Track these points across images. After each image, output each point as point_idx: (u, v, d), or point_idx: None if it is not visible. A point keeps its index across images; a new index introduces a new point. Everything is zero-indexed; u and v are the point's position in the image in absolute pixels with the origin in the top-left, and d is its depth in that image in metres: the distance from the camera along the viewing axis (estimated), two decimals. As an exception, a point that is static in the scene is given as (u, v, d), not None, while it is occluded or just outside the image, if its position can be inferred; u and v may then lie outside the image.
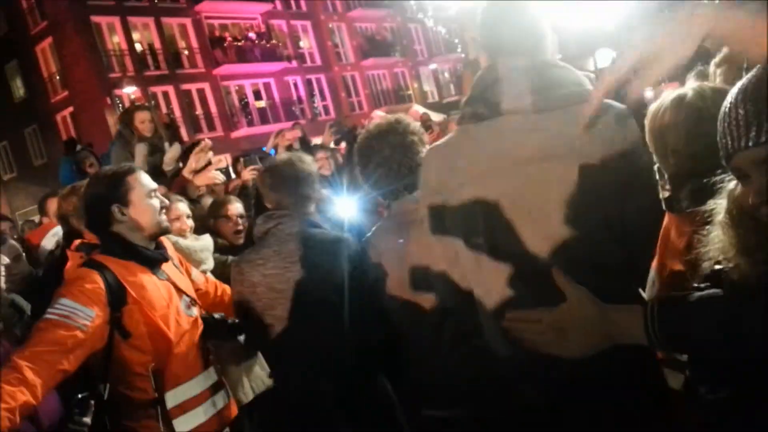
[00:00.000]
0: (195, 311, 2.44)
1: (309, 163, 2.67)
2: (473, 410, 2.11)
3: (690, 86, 1.88)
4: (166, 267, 2.43)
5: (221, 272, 3.37)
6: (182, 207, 3.48)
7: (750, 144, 1.12)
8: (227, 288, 2.93)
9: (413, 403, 2.38)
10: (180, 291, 2.41)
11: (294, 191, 2.56)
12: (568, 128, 1.64)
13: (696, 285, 1.37)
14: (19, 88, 26.54)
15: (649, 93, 4.61)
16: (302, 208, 2.57)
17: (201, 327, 2.45)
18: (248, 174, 4.39)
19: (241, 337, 2.73)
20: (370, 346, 2.41)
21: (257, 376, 3.26)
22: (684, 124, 1.83)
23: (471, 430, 2.15)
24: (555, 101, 1.69)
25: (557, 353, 1.40)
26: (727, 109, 1.18)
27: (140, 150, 4.62)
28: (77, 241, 2.63)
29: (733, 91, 1.19)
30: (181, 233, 3.35)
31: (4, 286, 2.53)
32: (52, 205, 4.36)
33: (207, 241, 3.44)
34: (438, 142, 1.91)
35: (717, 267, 1.30)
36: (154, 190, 2.43)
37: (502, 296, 1.73)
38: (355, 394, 2.45)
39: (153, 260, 2.36)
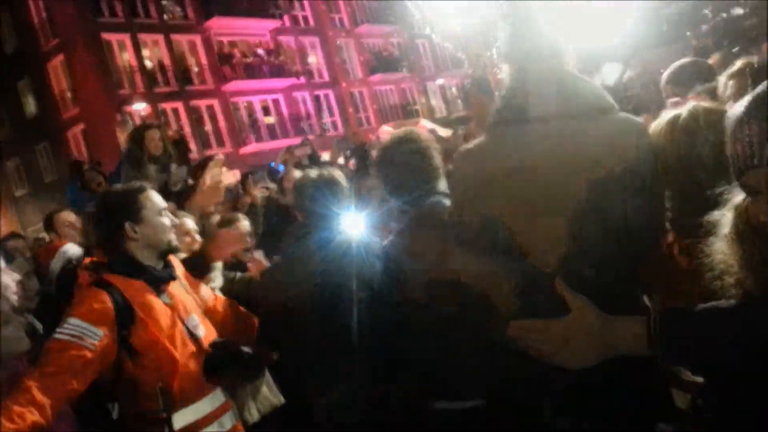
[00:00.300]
0: (202, 331, 2.44)
1: (344, 180, 2.87)
2: (487, 403, 2.23)
3: (687, 107, 1.91)
4: (173, 286, 2.44)
5: (229, 289, 3.38)
6: (190, 223, 3.50)
7: (764, 162, 1.12)
8: (235, 304, 2.94)
9: (423, 398, 2.44)
10: (187, 311, 2.41)
11: (331, 204, 2.72)
12: (587, 135, 1.76)
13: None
14: (30, 105, 26.84)
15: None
16: (334, 220, 2.72)
17: (208, 348, 2.44)
18: (257, 192, 4.41)
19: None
20: (386, 349, 2.47)
21: (264, 397, 3.25)
22: (677, 145, 1.86)
23: (485, 422, 2.23)
24: (576, 109, 1.79)
25: (562, 362, 1.41)
26: (737, 125, 1.17)
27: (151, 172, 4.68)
28: (87, 260, 2.64)
29: (741, 106, 1.18)
30: (191, 249, 3.36)
31: (16, 303, 2.55)
32: (58, 221, 4.40)
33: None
34: (469, 145, 2.02)
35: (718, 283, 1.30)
36: (165, 209, 2.46)
37: (514, 302, 1.80)
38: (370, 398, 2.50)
39: (161, 279, 2.38)
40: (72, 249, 3.62)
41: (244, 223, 3.90)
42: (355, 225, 2.83)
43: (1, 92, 26.35)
